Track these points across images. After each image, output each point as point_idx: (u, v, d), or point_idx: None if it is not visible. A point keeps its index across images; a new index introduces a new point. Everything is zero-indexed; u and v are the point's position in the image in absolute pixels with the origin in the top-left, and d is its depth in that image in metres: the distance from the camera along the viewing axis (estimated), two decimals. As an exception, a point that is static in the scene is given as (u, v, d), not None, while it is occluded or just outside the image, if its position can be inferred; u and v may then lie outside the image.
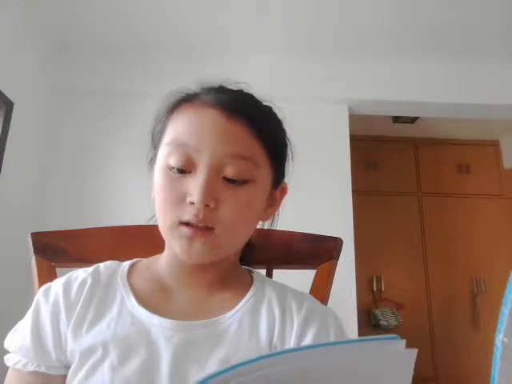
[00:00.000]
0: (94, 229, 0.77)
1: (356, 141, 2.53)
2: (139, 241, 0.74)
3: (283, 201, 0.66)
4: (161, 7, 2.12)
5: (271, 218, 0.66)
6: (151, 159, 0.61)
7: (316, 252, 0.77)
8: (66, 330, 0.55)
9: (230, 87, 0.61)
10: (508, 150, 3.37)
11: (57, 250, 0.74)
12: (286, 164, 0.64)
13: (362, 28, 2.24)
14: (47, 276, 0.71)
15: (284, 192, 0.65)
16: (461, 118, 2.77)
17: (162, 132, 0.59)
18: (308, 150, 2.27)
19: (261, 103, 0.61)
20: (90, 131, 2.33)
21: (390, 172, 3.28)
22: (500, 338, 0.35)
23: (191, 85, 0.61)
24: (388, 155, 3.32)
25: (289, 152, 0.64)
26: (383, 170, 3.28)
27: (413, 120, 3.24)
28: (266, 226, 0.67)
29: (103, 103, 2.36)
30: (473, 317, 2.99)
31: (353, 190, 2.31)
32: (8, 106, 1.96)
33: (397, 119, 3.26)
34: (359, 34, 2.29)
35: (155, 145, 0.61)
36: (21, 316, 0.59)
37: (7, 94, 1.93)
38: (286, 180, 0.66)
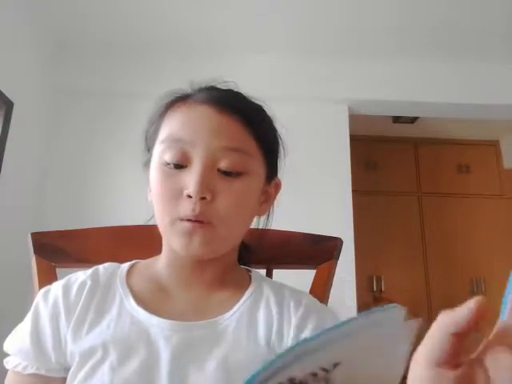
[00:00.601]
0: (93, 229, 0.77)
1: (356, 141, 2.53)
2: (139, 241, 0.74)
3: (282, 198, 0.67)
4: (161, 7, 2.12)
5: (266, 214, 0.66)
6: (146, 161, 0.62)
7: (316, 252, 0.77)
8: (66, 332, 0.55)
9: (219, 87, 0.63)
10: (508, 149, 3.37)
11: (57, 250, 0.74)
12: (279, 160, 0.65)
13: (362, 28, 2.24)
14: (47, 276, 0.71)
15: (278, 187, 0.66)
16: (461, 117, 2.77)
17: (156, 132, 0.60)
18: (308, 150, 2.28)
19: (251, 101, 0.63)
20: (90, 131, 2.33)
21: (390, 172, 3.28)
22: (500, 338, 0.35)
23: (190, 85, 0.62)
24: (388, 155, 3.32)
25: (281, 148, 0.65)
26: (383, 170, 3.28)
27: (413, 120, 3.24)
28: (262, 223, 0.67)
29: (103, 103, 2.36)
30: (473, 317, 2.99)
31: (353, 190, 2.31)
32: (8, 106, 1.96)
33: (397, 119, 3.26)
34: (359, 34, 2.29)
35: (149, 146, 0.62)
36: (21, 316, 0.59)
37: (7, 94, 1.93)
38: (284, 178, 0.66)
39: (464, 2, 2.04)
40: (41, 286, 0.67)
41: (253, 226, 0.65)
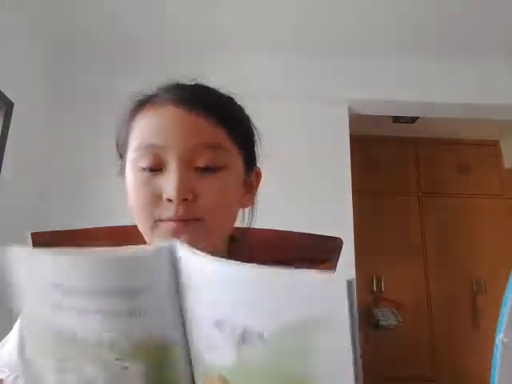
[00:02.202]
0: (93, 229, 0.77)
1: (356, 141, 2.53)
2: (139, 241, 0.74)
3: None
4: (161, 7, 2.12)
5: (251, 205, 0.65)
6: (120, 168, 0.61)
7: (315, 252, 0.77)
8: None
9: (187, 83, 0.62)
10: (508, 149, 3.37)
11: (57, 250, 0.74)
12: (255, 149, 0.64)
13: (362, 28, 2.24)
14: (47, 276, 0.71)
15: (259, 176, 0.65)
16: (461, 117, 2.77)
17: (126, 139, 0.59)
18: (308, 150, 2.28)
19: (220, 93, 0.62)
20: (90, 131, 2.32)
21: (390, 172, 3.28)
22: (500, 338, 0.35)
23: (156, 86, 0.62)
24: (388, 155, 3.32)
25: (256, 137, 0.64)
26: (383, 170, 3.28)
27: (413, 120, 3.24)
28: (254, 222, 0.67)
29: (103, 103, 2.36)
30: (473, 316, 2.99)
31: (353, 190, 2.31)
32: (8, 106, 1.96)
33: (397, 119, 3.25)
34: (359, 33, 2.29)
35: (121, 153, 0.61)
36: (20, 316, 0.59)
37: (7, 94, 1.93)
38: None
39: (464, 2, 2.04)
40: (41, 286, 0.67)
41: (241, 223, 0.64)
